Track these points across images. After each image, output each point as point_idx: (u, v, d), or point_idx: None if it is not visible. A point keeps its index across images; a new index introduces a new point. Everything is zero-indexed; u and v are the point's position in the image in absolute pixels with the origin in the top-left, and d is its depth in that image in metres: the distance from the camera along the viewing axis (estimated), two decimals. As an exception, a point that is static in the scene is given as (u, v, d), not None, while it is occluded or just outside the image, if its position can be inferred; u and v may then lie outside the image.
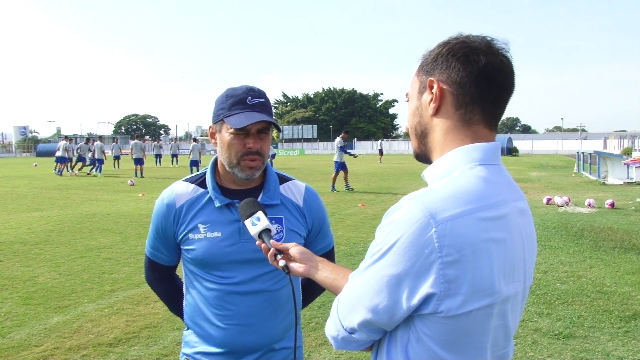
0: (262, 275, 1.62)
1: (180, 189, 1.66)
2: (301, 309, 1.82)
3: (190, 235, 1.62)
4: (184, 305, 1.74)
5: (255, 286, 1.61)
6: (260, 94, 1.60)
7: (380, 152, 37.31)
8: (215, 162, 1.69)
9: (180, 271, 1.78)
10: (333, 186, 15.27)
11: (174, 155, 32.62)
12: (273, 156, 29.87)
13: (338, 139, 15.64)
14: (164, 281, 1.80)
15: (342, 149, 15.30)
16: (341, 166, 15.20)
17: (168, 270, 1.77)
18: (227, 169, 1.61)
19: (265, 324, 1.63)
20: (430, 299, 0.93)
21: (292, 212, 1.69)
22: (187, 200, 1.64)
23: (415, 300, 0.93)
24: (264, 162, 1.61)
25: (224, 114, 1.58)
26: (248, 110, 1.55)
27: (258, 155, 1.58)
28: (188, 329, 1.72)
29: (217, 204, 1.61)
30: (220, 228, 1.60)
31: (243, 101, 1.56)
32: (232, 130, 1.55)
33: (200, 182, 1.67)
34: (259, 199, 1.62)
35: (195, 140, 26.29)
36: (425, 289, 0.92)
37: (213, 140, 1.65)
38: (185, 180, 1.70)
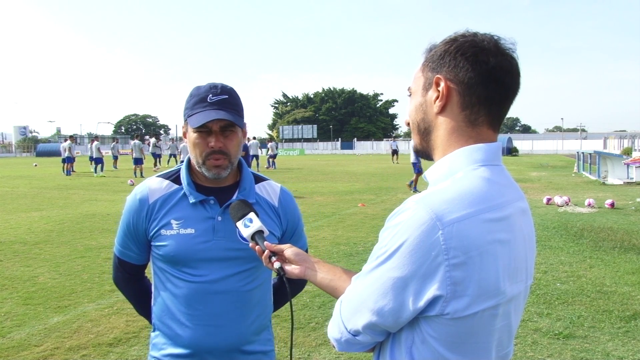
0: (235, 275, 1.59)
1: (154, 185, 1.64)
2: (272, 313, 1.79)
3: (163, 231, 1.58)
4: (152, 304, 1.69)
5: (227, 286, 1.58)
6: (225, 90, 1.56)
7: (394, 152, 35.92)
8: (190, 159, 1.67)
9: (149, 272, 1.75)
10: (415, 187, 15.28)
11: (172, 155, 32.68)
12: (274, 156, 29.78)
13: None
14: (133, 281, 1.76)
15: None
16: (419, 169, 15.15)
17: (137, 270, 1.73)
18: (196, 167, 1.60)
19: (234, 325, 1.60)
20: (436, 301, 0.92)
21: (267, 212, 1.66)
22: (160, 195, 1.61)
23: (422, 302, 0.93)
24: (230, 161, 1.58)
25: (187, 114, 1.58)
26: (208, 109, 1.52)
27: (222, 154, 1.55)
28: (155, 330, 1.68)
29: (192, 200, 1.59)
30: (194, 225, 1.57)
31: (204, 99, 1.54)
32: (194, 129, 1.54)
33: (174, 178, 1.65)
34: (233, 197, 1.60)
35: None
36: (431, 291, 0.92)
37: (185, 139, 1.64)
38: (158, 176, 1.68)
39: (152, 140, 29.16)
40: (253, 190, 1.66)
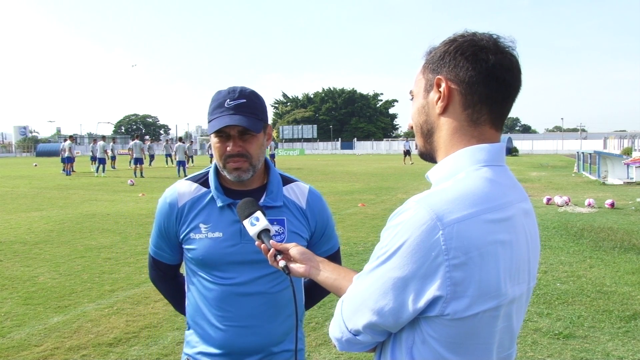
0: (263, 277, 1.61)
1: (183, 188, 1.67)
2: (304, 312, 1.81)
3: (192, 235, 1.62)
4: (186, 304, 1.74)
5: (256, 288, 1.61)
6: (242, 94, 1.57)
7: (407, 152, 34.74)
8: None
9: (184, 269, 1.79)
10: None
11: (168, 155, 32.82)
12: (272, 156, 29.74)
13: None
14: (168, 280, 1.81)
15: None
16: None
17: (171, 269, 1.77)
18: (220, 171, 1.63)
19: (265, 326, 1.62)
20: (436, 302, 0.92)
21: (295, 214, 1.68)
22: (189, 199, 1.64)
23: (422, 303, 0.93)
24: (251, 164, 1.59)
25: (208, 119, 1.61)
26: (225, 114, 1.54)
27: (241, 157, 1.57)
28: (189, 328, 1.72)
29: (219, 204, 1.61)
30: (222, 228, 1.60)
31: (222, 104, 1.56)
32: (213, 134, 1.57)
33: (202, 181, 1.67)
34: (261, 201, 1.61)
35: (180, 140, 26.57)
36: (431, 291, 0.91)
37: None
38: (188, 179, 1.70)
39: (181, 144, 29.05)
40: (281, 192, 1.67)
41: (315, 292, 1.84)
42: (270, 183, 1.67)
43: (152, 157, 31.94)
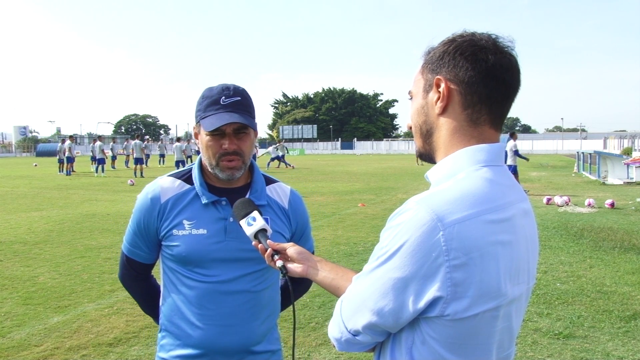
0: (246, 275, 1.60)
1: (166, 184, 1.63)
2: (280, 312, 1.80)
3: (174, 231, 1.58)
4: (160, 305, 1.69)
5: (238, 286, 1.59)
6: (237, 92, 1.57)
7: None
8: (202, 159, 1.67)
9: (156, 272, 1.75)
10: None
11: (162, 155, 32.92)
12: (282, 157, 29.34)
13: (513, 143, 14.54)
14: (140, 280, 1.75)
15: (517, 153, 14.45)
16: (515, 170, 14.30)
17: (145, 269, 1.72)
18: (209, 169, 1.61)
19: (245, 325, 1.61)
20: (436, 303, 0.92)
21: (278, 214, 1.67)
22: (172, 195, 1.61)
23: (422, 303, 0.93)
24: (244, 162, 1.59)
25: (200, 116, 1.57)
26: (221, 111, 1.52)
27: (236, 155, 1.56)
28: (162, 330, 1.68)
29: (204, 201, 1.59)
30: (206, 225, 1.58)
31: (217, 102, 1.54)
32: (207, 131, 1.54)
33: (186, 178, 1.65)
34: None
35: (178, 140, 26.66)
36: (432, 292, 0.91)
37: (197, 141, 1.65)
38: (170, 175, 1.68)
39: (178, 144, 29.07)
40: (264, 191, 1.67)
41: (291, 293, 1.83)
42: (255, 182, 1.67)
43: (147, 156, 32.00)
